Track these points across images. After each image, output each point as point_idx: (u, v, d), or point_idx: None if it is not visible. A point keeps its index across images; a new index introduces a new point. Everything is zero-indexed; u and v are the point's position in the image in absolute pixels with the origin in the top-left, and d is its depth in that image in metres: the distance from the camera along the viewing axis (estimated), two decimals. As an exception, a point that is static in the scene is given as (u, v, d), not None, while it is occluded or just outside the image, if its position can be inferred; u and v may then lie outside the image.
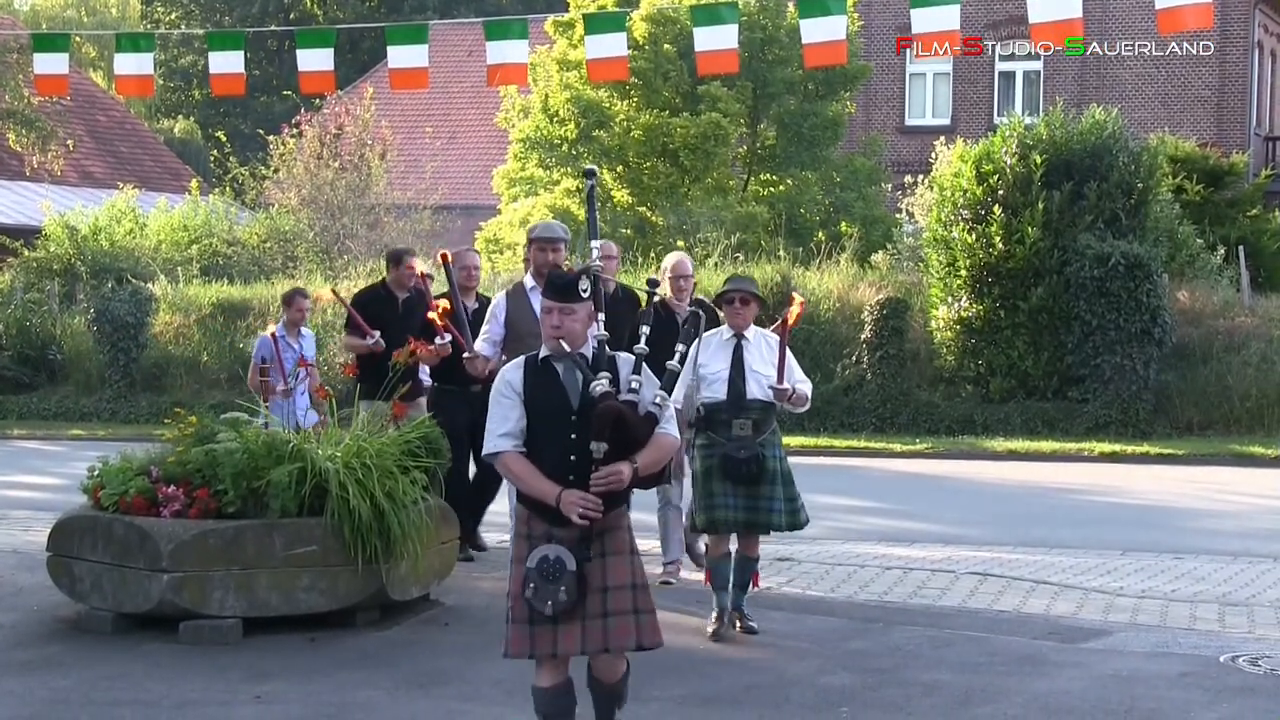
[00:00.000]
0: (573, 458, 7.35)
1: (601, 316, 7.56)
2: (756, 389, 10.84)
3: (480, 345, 11.76)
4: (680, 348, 7.87)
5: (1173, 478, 21.34)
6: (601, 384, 7.30)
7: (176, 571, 10.77)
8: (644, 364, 7.53)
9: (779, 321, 10.97)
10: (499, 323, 11.78)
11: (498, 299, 11.67)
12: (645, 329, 7.82)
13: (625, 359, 7.57)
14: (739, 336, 11.00)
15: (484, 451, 7.58)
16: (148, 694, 9.59)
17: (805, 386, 11.02)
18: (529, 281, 11.14)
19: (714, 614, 11.15)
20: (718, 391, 10.90)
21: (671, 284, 13.27)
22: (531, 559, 7.33)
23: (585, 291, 7.46)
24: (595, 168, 8.77)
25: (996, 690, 9.77)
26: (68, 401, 30.60)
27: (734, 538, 11.17)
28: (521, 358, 7.65)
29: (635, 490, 7.68)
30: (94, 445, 22.46)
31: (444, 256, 11.67)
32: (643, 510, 11.28)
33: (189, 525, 10.89)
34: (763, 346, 11.04)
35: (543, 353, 7.52)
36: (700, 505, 10.96)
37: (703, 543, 13.09)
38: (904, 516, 17.59)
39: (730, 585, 11.15)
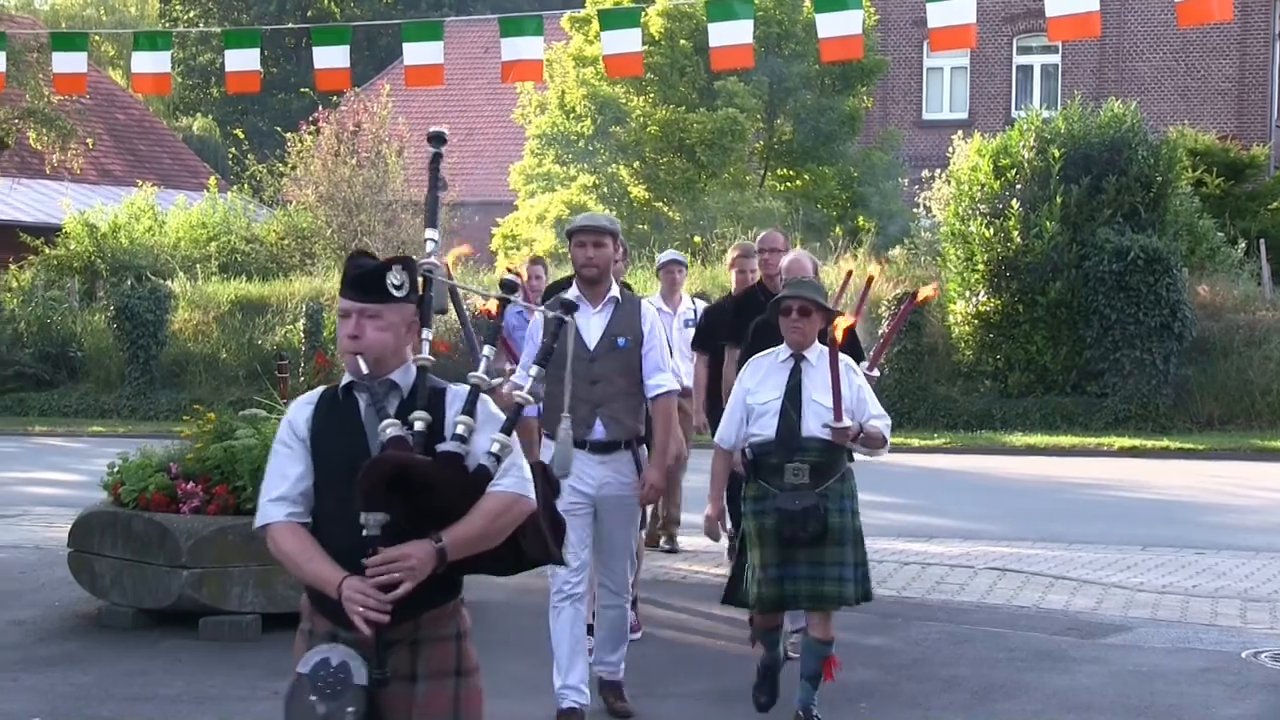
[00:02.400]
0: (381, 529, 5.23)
1: (428, 334, 5.56)
2: (815, 425, 8.59)
3: (520, 374, 9.20)
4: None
5: (1193, 472, 21.28)
6: (393, 426, 5.23)
7: (196, 567, 10.81)
8: (480, 398, 5.40)
9: (833, 333, 8.66)
10: (534, 343, 9.27)
11: (536, 316, 9.24)
12: (545, 337, 5.91)
13: (457, 392, 5.43)
14: (798, 357, 8.77)
15: (255, 523, 5.59)
16: (168, 689, 9.62)
17: (880, 424, 8.77)
18: (573, 291, 8.90)
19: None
20: (766, 428, 8.71)
21: (744, 265, 12.74)
22: (305, 662, 5.28)
23: (400, 289, 5.40)
24: (444, 131, 6.30)
25: (1015, 686, 9.77)
26: (88, 398, 30.66)
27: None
28: (317, 390, 5.66)
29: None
30: (114, 442, 22.49)
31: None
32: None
33: (208, 521, 10.93)
34: (829, 371, 8.69)
35: (345, 379, 5.48)
36: (750, 575, 8.78)
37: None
38: (922, 512, 17.58)
39: (800, 676, 8.97)
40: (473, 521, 5.22)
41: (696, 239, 33.61)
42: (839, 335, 8.57)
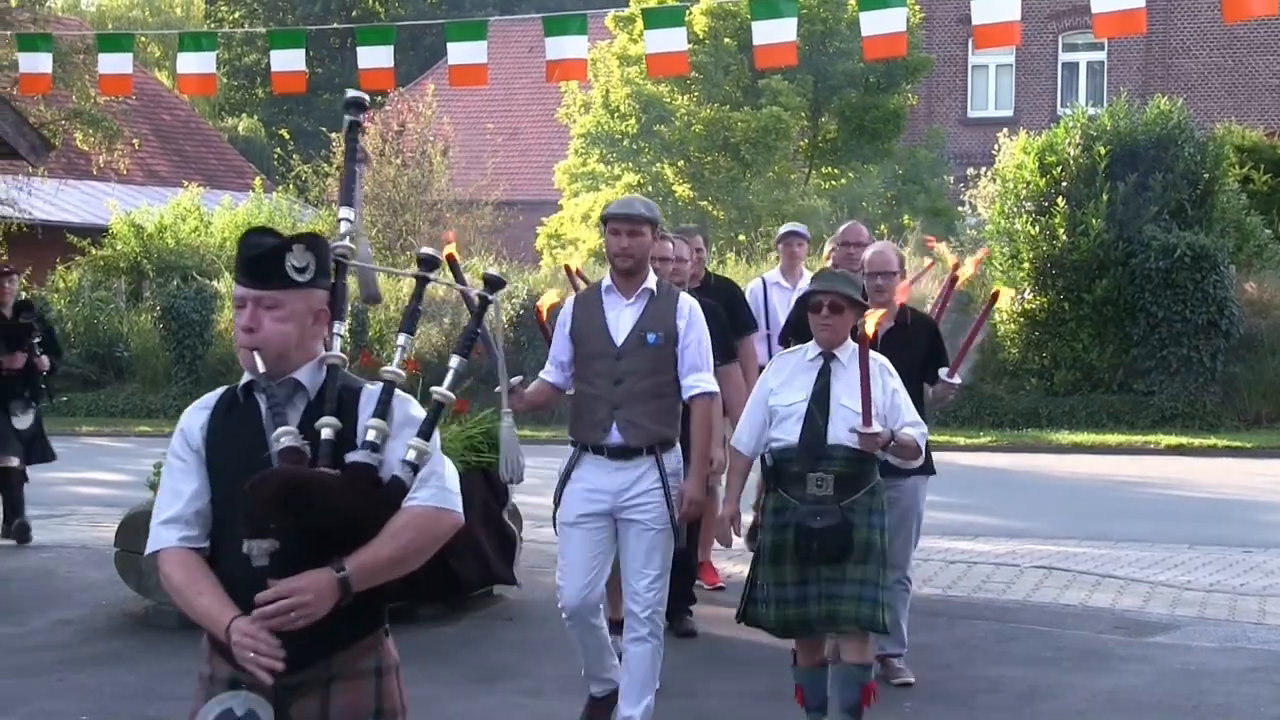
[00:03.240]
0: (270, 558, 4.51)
1: (340, 328, 4.86)
2: (843, 431, 7.87)
3: (546, 371, 8.76)
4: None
5: (1241, 470, 21.17)
6: (288, 435, 4.54)
7: (241, 567, 10.82)
8: (396, 395, 4.70)
9: (862, 330, 8.02)
10: (563, 337, 8.67)
11: (565, 306, 8.79)
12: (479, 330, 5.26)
13: (370, 391, 4.69)
14: (828, 356, 8.10)
15: (146, 548, 4.81)
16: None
17: (915, 431, 8.08)
18: (606, 281, 8.55)
19: None
20: (789, 433, 7.99)
21: (838, 255, 11.49)
22: (205, 714, 4.71)
23: (303, 273, 4.63)
24: (363, 96, 5.55)
25: (1062, 685, 9.73)
26: (135, 398, 30.79)
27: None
28: (215, 392, 4.89)
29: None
30: (160, 442, 22.51)
31: (450, 258, 7.88)
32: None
33: (254, 521, 10.95)
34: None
35: (244, 378, 4.75)
36: (768, 595, 8.05)
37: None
38: (968, 510, 17.52)
39: (830, 708, 8.17)
40: (381, 544, 4.51)
41: (741, 237, 33.61)
42: (870, 328, 7.91)
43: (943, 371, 9.36)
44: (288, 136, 41.65)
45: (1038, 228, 25.95)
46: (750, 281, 14.61)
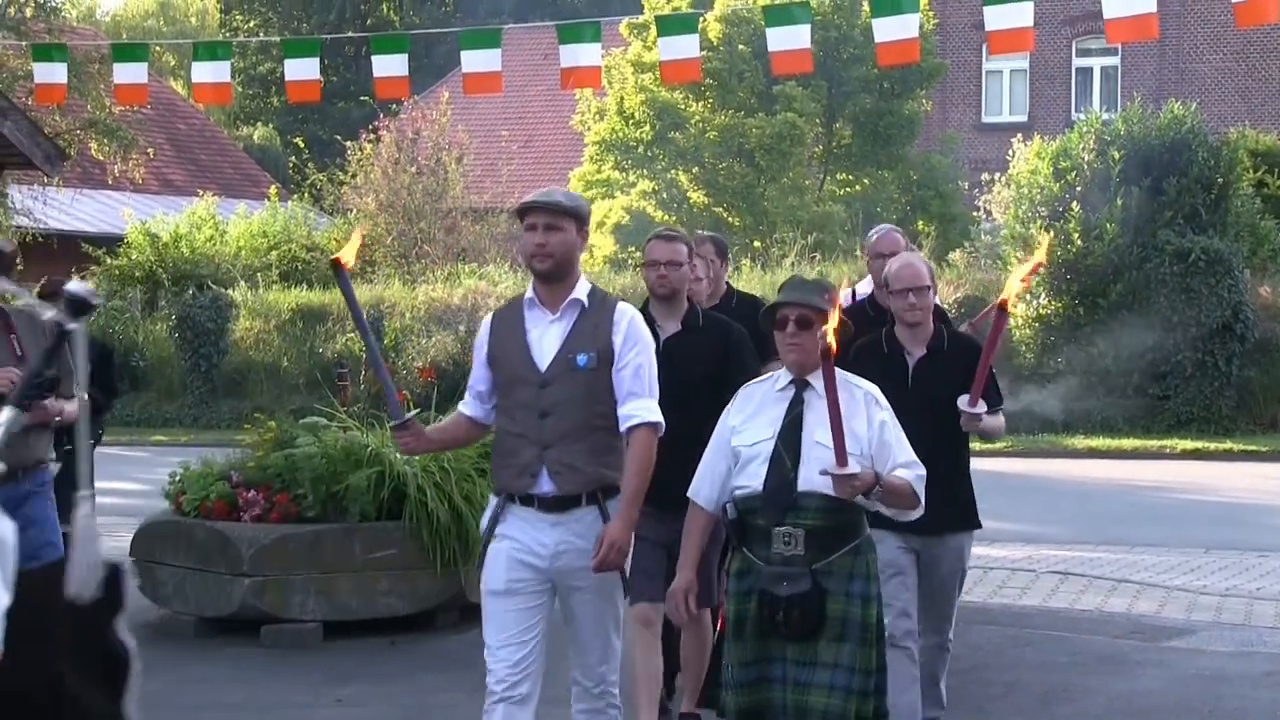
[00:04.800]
0: None
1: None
2: (817, 475, 6.38)
3: (464, 402, 7.32)
4: None
5: (1256, 474, 21.16)
6: None
7: (257, 576, 10.87)
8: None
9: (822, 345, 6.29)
10: (480, 361, 7.21)
11: (483, 324, 7.39)
12: None
13: None
14: (800, 384, 6.63)
15: None
16: (230, 697, 9.67)
17: (908, 474, 6.55)
18: (528, 292, 7.12)
19: None
20: (753, 478, 6.53)
21: (874, 267, 9.64)
22: None
23: None
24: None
25: (1078, 690, 9.72)
26: (150, 407, 30.86)
27: None
28: None
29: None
30: (176, 451, 22.63)
31: (336, 261, 6.90)
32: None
33: (269, 530, 10.99)
34: (849, 400, 6.53)
35: None
36: (731, 676, 6.63)
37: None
38: (983, 515, 17.45)
39: None
40: None
41: (756, 244, 33.59)
42: (831, 341, 6.20)
43: (962, 400, 7.82)
44: (303, 145, 41.64)
45: (1052, 233, 25.94)
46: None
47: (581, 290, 7.02)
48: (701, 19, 20.75)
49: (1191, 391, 25.25)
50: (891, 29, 12.91)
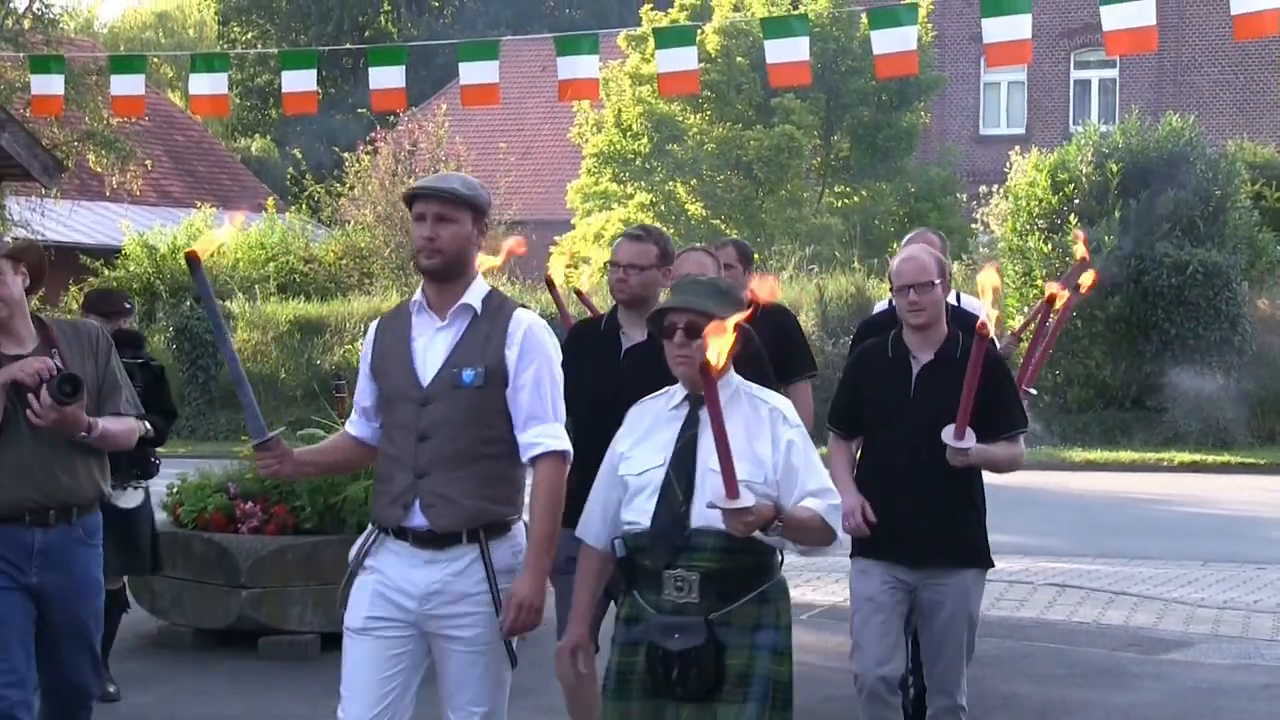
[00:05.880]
0: None
1: None
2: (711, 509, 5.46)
3: (351, 420, 6.46)
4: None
5: (1254, 487, 21.16)
6: None
7: (255, 587, 10.86)
8: None
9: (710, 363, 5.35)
10: (364, 373, 6.31)
11: (369, 331, 6.43)
12: None
13: None
14: (695, 400, 5.68)
15: None
16: (229, 709, 9.67)
17: (819, 505, 5.59)
18: (417, 295, 6.21)
19: None
20: (642, 513, 5.66)
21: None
22: None
23: None
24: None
25: (1075, 702, 9.72)
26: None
27: None
28: None
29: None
30: (173, 462, 22.50)
31: (191, 255, 6.38)
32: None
33: (267, 541, 10.99)
34: (751, 418, 5.71)
35: None
36: None
37: None
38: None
39: None
40: None
41: (755, 256, 33.61)
42: (716, 357, 5.28)
43: (946, 432, 6.96)
44: (300, 157, 41.67)
45: (1050, 245, 25.97)
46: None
47: (475, 294, 6.08)
48: (700, 31, 20.79)
49: (1189, 404, 25.25)
50: (890, 41, 12.93)
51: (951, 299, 8.73)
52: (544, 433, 5.95)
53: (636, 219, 35.37)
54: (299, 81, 15.27)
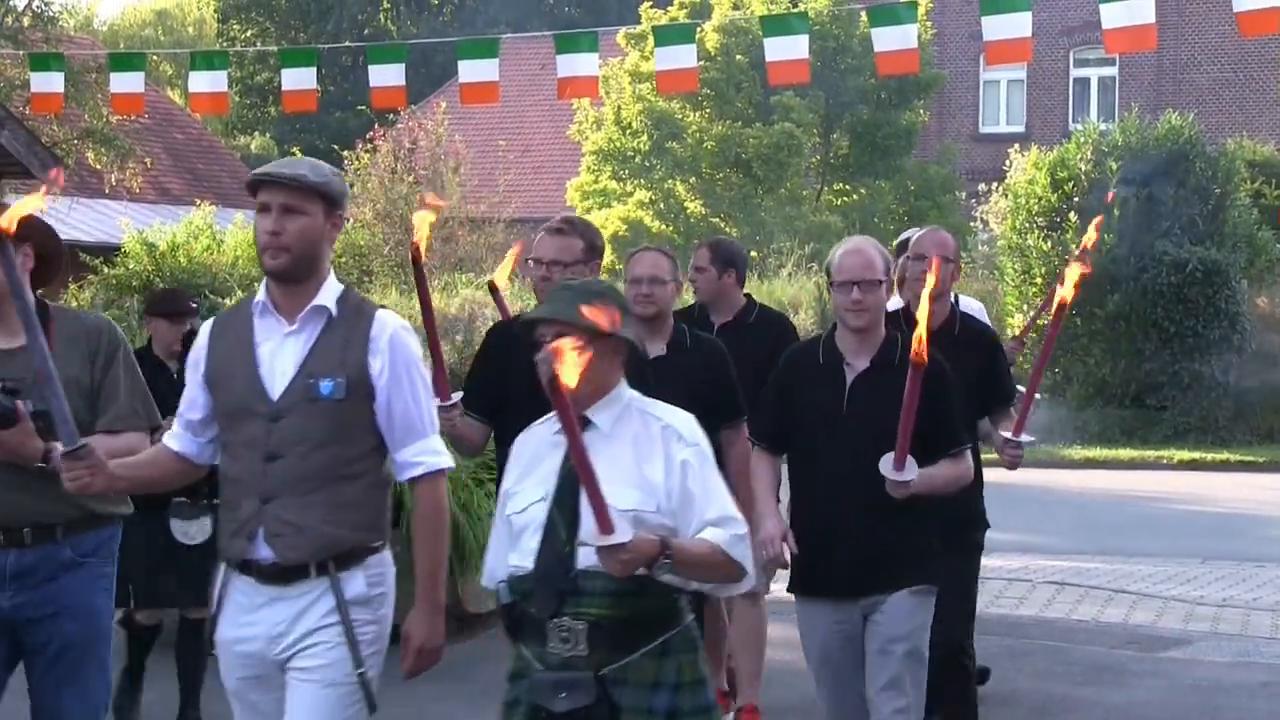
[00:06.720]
0: None
1: None
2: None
3: (172, 432, 5.67)
4: None
5: (1253, 485, 21.16)
6: None
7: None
8: None
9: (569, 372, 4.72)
10: (194, 383, 5.55)
11: (200, 335, 5.69)
12: None
13: None
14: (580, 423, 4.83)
15: None
16: (228, 705, 9.65)
17: (720, 536, 4.86)
18: (260, 295, 5.47)
19: None
20: (525, 555, 4.98)
21: (910, 271, 7.99)
22: None
23: None
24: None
25: (1074, 700, 9.72)
26: (147, 417, 30.85)
27: None
28: None
29: None
30: (173, 460, 22.61)
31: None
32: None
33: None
34: (642, 436, 5.02)
35: None
36: None
37: None
38: (981, 526, 17.51)
39: None
40: None
41: (753, 254, 33.59)
42: (565, 373, 4.47)
43: (884, 462, 6.20)
44: (299, 155, 41.73)
45: (1049, 243, 25.98)
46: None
47: (329, 295, 5.40)
48: (699, 29, 20.78)
49: (1189, 402, 25.27)
50: (891, 39, 12.90)
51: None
52: (423, 449, 5.34)
53: (635, 217, 35.40)
54: (298, 79, 15.24)
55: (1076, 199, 26.07)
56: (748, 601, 7.96)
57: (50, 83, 15.88)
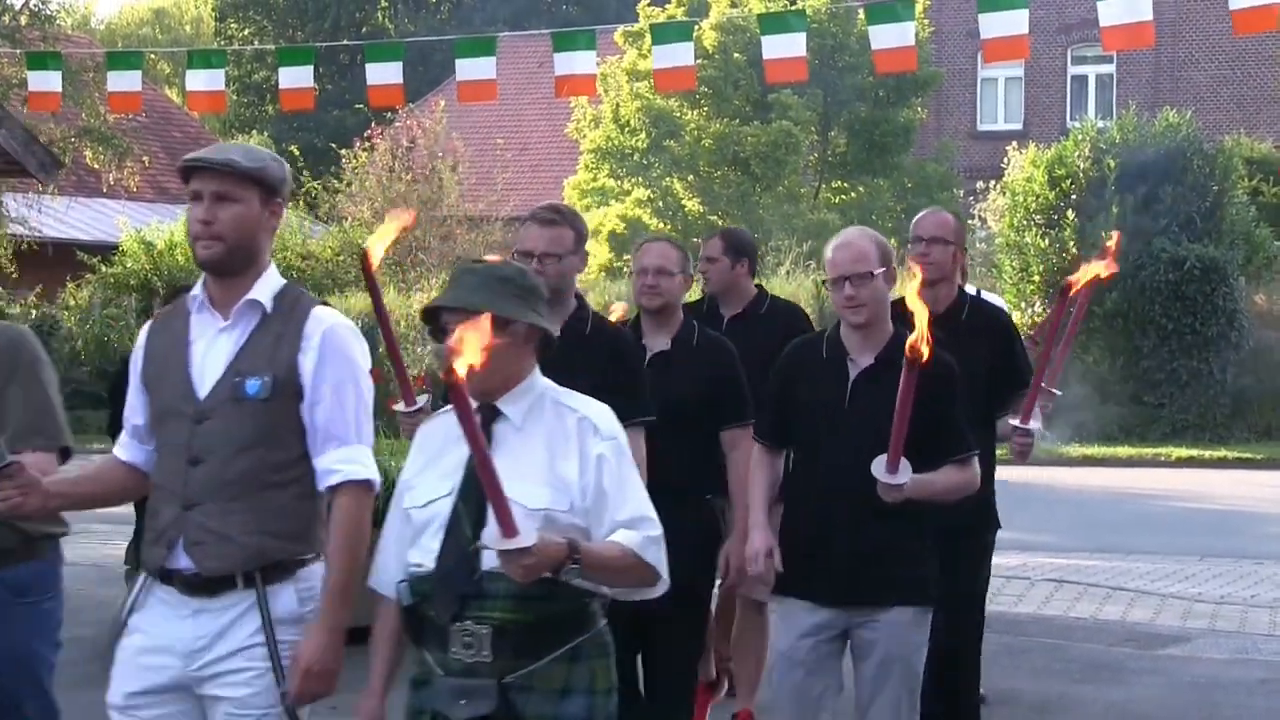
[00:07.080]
0: None
1: None
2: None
3: (121, 442, 5.35)
4: None
5: (1251, 482, 21.18)
6: None
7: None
8: None
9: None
10: (134, 386, 5.23)
11: (140, 335, 5.32)
12: None
13: None
14: (489, 412, 4.69)
15: None
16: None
17: (631, 540, 4.57)
18: (196, 289, 5.10)
19: None
20: (426, 553, 4.67)
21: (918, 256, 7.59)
22: None
23: None
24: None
25: (1073, 698, 9.72)
26: (145, 416, 30.84)
27: None
28: None
29: None
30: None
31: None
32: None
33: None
34: (556, 430, 4.71)
35: None
36: None
37: None
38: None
39: None
40: None
41: (757, 248, 33.63)
42: (463, 365, 4.15)
43: (877, 464, 5.87)
44: (297, 153, 41.64)
45: (1047, 241, 25.99)
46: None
47: (265, 288, 5.00)
48: (697, 27, 20.78)
49: (1187, 400, 25.29)
50: (889, 36, 12.90)
51: (970, 290, 8.26)
52: (345, 457, 4.90)
53: (633, 215, 35.39)
54: (296, 78, 15.23)
55: (1074, 197, 26.07)
56: (753, 609, 7.98)
57: (48, 81, 15.87)
